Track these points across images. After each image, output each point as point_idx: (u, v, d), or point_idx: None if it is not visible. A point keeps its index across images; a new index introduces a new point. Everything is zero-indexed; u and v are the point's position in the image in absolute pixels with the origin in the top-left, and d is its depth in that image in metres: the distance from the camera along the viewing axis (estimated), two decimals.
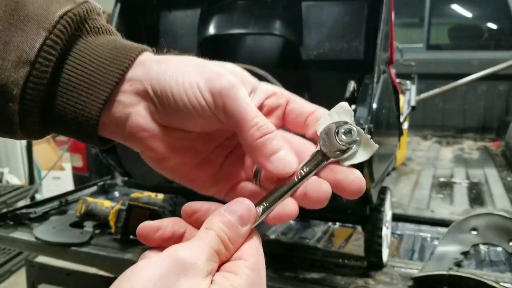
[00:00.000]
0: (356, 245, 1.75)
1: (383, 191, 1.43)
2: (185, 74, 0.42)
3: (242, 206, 0.40)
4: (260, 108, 0.43)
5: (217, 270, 0.36)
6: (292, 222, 2.00)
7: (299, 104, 0.45)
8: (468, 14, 4.65)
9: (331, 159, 0.43)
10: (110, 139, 0.45)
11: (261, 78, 1.06)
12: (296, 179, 0.42)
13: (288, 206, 0.42)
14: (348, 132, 0.42)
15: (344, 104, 0.45)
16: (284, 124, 0.45)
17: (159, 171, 0.47)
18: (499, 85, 3.90)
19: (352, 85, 1.26)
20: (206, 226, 0.37)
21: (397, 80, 1.56)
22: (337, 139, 0.42)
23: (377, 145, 0.43)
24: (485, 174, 2.72)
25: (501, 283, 1.25)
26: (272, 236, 1.80)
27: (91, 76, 0.41)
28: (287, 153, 0.41)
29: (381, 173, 1.34)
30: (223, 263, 0.37)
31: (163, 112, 0.42)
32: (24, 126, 0.41)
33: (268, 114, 0.44)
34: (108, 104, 0.42)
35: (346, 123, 0.43)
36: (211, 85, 0.41)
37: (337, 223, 1.95)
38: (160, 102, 0.42)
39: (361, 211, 1.27)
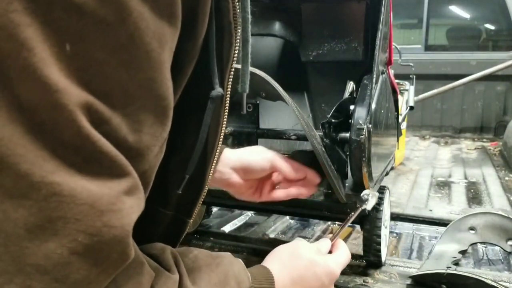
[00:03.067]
0: (355, 244, 1.76)
1: (381, 190, 1.44)
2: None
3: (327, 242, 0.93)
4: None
5: None
6: (291, 221, 2.01)
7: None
8: (466, 15, 4.67)
9: (361, 207, 1.10)
10: None
11: (260, 79, 1.08)
12: (348, 219, 1.04)
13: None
14: (367, 194, 1.11)
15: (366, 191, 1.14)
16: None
17: (231, 193, 1.10)
18: (497, 85, 3.91)
19: (351, 85, 1.27)
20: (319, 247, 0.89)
21: (396, 81, 1.58)
22: (362, 198, 1.11)
23: (377, 194, 1.16)
24: (483, 173, 2.73)
25: (499, 282, 1.26)
26: (272, 235, 1.82)
27: None
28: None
29: (380, 173, 1.36)
30: None
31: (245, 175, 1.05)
32: None
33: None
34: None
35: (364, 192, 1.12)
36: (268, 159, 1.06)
37: (336, 222, 1.96)
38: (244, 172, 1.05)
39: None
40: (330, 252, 0.91)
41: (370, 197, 1.12)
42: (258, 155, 1.05)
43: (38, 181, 0.39)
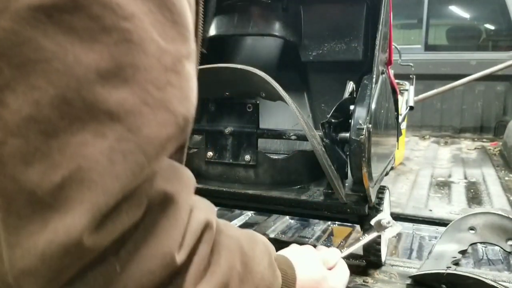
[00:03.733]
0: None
1: (381, 190, 1.44)
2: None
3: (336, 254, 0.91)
4: None
5: None
6: (291, 221, 2.01)
7: None
8: (466, 15, 4.67)
9: (378, 233, 1.05)
10: None
11: (260, 79, 1.08)
12: (361, 239, 1.02)
13: None
14: (388, 222, 1.02)
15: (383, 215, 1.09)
16: None
17: None
18: (497, 85, 3.91)
19: (351, 85, 1.27)
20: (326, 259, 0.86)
21: (396, 81, 1.58)
22: (382, 224, 1.03)
23: (401, 226, 1.05)
24: (483, 173, 2.73)
25: (499, 282, 1.26)
26: (272, 235, 1.82)
27: None
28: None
29: (380, 173, 1.36)
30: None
31: None
32: None
33: None
34: None
35: (385, 218, 1.05)
36: None
37: (336, 222, 1.96)
38: None
39: (360, 210, 1.28)
40: None
41: (389, 225, 1.06)
42: None
43: (109, 25, 0.38)
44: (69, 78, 0.38)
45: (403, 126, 2.74)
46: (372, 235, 1.03)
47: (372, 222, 1.05)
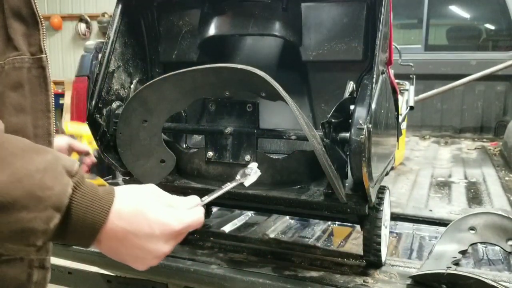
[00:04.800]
0: (355, 244, 1.76)
1: (382, 190, 1.44)
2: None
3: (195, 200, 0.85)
4: None
5: None
6: (291, 221, 2.01)
7: None
8: (466, 15, 4.67)
9: (241, 180, 1.01)
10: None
11: (260, 79, 1.08)
12: (224, 187, 0.95)
13: None
14: (251, 169, 1.03)
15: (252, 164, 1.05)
16: None
17: None
18: (497, 85, 3.91)
19: (351, 85, 1.27)
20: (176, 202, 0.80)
21: (396, 81, 1.58)
22: (245, 172, 1.02)
23: (259, 172, 1.04)
24: (483, 173, 2.73)
25: (499, 282, 1.26)
26: (272, 235, 1.82)
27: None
28: None
29: (380, 173, 1.36)
30: None
31: None
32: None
33: None
34: None
35: (251, 167, 1.03)
36: None
37: (336, 222, 1.96)
38: None
39: (360, 210, 1.28)
40: None
41: (251, 172, 1.03)
42: (58, 140, 1.10)
43: None
44: None
45: (403, 126, 2.74)
46: (234, 182, 0.98)
47: (239, 172, 1.03)
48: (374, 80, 1.19)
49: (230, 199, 1.46)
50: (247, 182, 1.02)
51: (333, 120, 1.20)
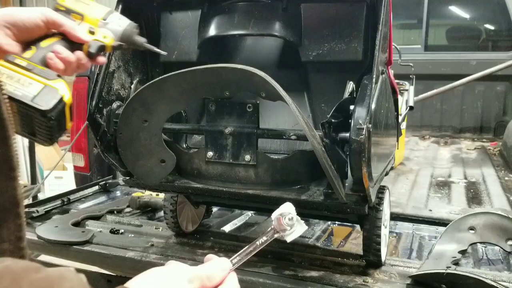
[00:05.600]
0: (355, 244, 1.76)
1: (381, 190, 1.44)
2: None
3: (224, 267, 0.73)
4: None
5: None
6: None
7: None
8: (465, 15, 4.67)
9: (279, 234, 0.81)
10: None
11: (260, 79, 1.08)
12: (258, 244, 0.80)
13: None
14: (291, 219, 0.80)
15: (288, 203, 0.83)
16: None
17: None
18: (496, 85, 3.91)
19: (351, 85, 1.27)
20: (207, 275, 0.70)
21: (396, 81, 1.58)
22: (283, 223, 0.80)
23: (306, 226, 0.82)
24: (483, 173, 2.73)
25: (499, 282, 1.26)
26: None
27: None
28: None
29: (380, 173, 1.36)
30: None
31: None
32: None
33: None
34: None
35: (289, 213, 0.80)
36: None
37: (336, 222, 1.96)
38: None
39: (360, 210, 1.28)
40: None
41: (291, 223, 0.82)
42: (28, 10, 0.98)
43: None
44: None
45: (403, 126, 2.74)
46: (269, 236, 0.82)
47: (273, 216, 0.82)
48: (374, 80, 1.19)
49: (230, 199, 1.46)
50: (289, 238, 0.82)
51: (333, 120, 1.20)
